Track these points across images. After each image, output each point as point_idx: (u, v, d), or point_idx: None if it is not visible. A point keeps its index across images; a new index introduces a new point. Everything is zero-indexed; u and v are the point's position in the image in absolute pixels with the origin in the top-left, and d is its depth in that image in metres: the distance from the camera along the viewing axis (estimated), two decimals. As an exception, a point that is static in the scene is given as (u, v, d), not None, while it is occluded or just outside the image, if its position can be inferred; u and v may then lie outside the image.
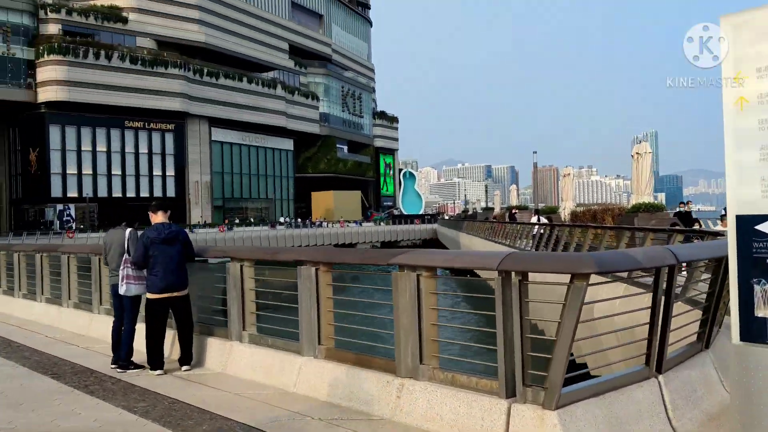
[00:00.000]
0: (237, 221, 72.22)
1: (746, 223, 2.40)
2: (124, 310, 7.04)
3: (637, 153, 22.28)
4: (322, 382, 5.61)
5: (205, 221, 70.76)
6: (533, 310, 4.54)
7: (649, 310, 4.81)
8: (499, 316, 4.39)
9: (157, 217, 6.80)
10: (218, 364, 6.80)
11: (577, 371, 4.66)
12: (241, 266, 6.70)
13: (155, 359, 6.65)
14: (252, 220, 77.72)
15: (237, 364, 6.58)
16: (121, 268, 6.86)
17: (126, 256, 6.91)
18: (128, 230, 7.09)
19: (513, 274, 4.30)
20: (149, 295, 6.69)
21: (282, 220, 77.00)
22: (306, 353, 5.92)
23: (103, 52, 65.34)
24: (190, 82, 72.71)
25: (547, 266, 4.13)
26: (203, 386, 6.14)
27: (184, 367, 6.77)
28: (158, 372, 6.60)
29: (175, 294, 6.70)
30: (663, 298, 4.80)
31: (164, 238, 6.64)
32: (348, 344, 5.77)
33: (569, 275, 4.07)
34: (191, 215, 72.46)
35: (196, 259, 7.21)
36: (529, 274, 4.28)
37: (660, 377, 4.92)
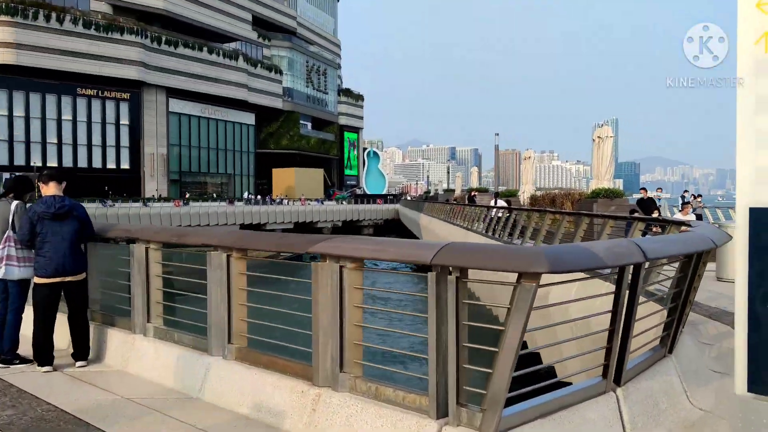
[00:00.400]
0: (188, 195, 70.05)
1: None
2: (9, 296, 6.04)
3: (598, 137, 21.76)
4: (230, 387, 4.80)
5: (160, 195, 68.72)
6: (477, 312, 3.79)
7: (609, 314, 4.11)
8: (432, 319, 3.63)
9: (48, 189, 5.81)
10: (119, 360, 5.92)
11: (542, 381, 3.92)
12: (147, 249, 5.81)
13: (43, 354, 5.70)
14: (215, 195, 75.79)
15: (139, 362, 5.72)
16: (1, 246, 5.86)
17: (10, 232, 5.91)
18: (15, 203, 6.08)
19: (450, 269, 3.54)
20: (37, 280, 5.73)
21: (246, 196, 75.25)
22: (214, 353, 5.10)
23: (54, 15, 62.47)
24: (148, 50, 70.15)
25: (490, 262, 3.37)
26: (94, 388, 5.26)
27: (79, 363, 5.86)
28: (46, 369, 5.66)
29: (69, 279, 5.76)
30: (626, 299, 4.11)
31: (55, 213, 5.68)
32: (263, 344, 4.96)
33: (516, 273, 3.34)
34: (146, 189, 70.32)
35: (99, 238, 6.29)
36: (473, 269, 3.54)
37: (618, 390, 4.23)
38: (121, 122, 69.96)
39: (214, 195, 76.00)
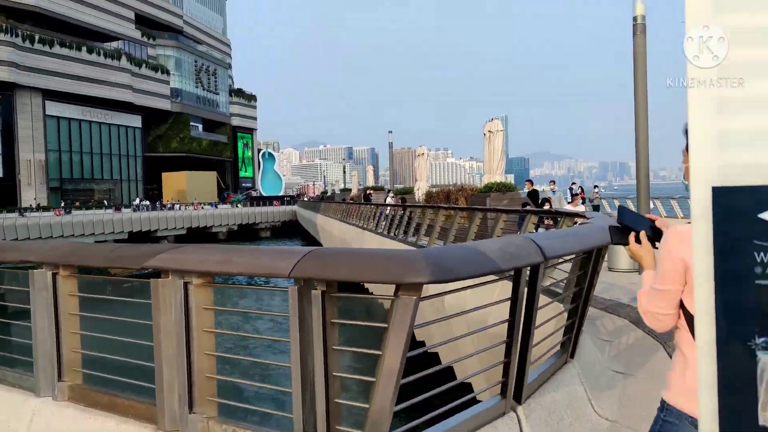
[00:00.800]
0: (64, 204, 65.41)
1: (743, 205, 1.07)
2: None
3: (489, 131, 21.77)
4: (60, 437, 3.90)
5: (39, 204, 63.98)
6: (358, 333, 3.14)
7: (507, 324, 3.57)
8: (295, 344, 2.95)
9: None
10: (-69, 406, 4.84)
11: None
12: (-41, 269, 4.78)
13: None
14: (105, 202, 71.17)
15: (-46, 407, 4.67)
16: None
17: None
18: None
19: (315, 282, 2.87)
20: None
21: (137, 202, 71.21)
22: (42, 393, 4.17)
23: None
24: (19, 49, 65.07)
25: (360, 272, 2.72)
26: None
27: None
28: None
29: None
30: (524, 305, 3.58)
31: None
32: (102, 381, 4.08)
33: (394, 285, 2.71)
34: (23, 198, 65.31)
35: None
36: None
37: (519, 409, 3.71)
38: (-9, 127, 64.62)
39: (105, 202, 71.46)
